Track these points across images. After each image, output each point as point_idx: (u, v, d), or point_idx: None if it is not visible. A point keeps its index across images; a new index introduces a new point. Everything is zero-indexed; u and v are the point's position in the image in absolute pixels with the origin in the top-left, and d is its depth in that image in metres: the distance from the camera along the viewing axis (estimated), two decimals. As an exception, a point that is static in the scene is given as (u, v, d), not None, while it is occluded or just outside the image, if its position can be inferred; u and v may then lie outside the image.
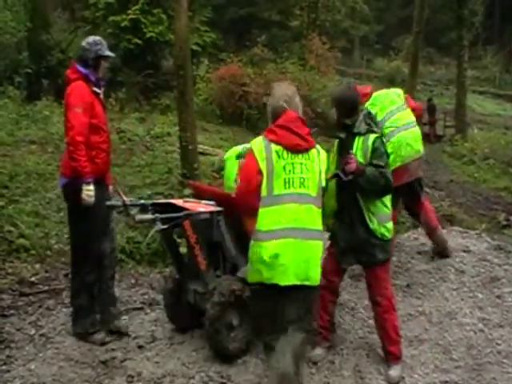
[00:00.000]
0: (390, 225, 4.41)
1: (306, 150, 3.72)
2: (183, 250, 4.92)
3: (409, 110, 5.69)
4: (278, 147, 3.64)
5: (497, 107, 31.56)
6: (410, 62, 14.26)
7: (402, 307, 5.33)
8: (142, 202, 4.64)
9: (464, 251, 6.54)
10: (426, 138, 21.70)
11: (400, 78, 31.34)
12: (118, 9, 18.57)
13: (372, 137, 4.28)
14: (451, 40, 32.61)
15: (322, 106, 18.69)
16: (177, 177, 7.97)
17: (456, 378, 4.42)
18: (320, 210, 3.78)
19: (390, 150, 5.27)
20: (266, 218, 3.62)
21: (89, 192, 4.46)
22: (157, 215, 4.28)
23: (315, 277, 3.71)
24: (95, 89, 4.67)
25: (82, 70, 4.61)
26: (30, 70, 15.40)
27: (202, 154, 8.41)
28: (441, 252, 6.38)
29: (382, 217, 4.32)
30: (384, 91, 5.82)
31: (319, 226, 3.75)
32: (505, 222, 8.52)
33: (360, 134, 4.31)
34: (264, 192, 3.63)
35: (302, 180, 3.66)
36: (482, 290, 5.77)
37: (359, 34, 38.59)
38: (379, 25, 41.85)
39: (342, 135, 4.39)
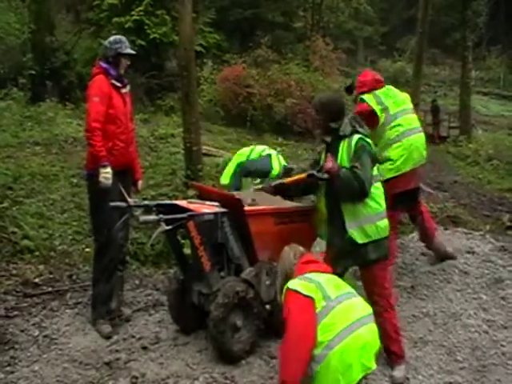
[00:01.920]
0: (383, 223, 4.34)
1: None
2: (187, 251, 4.93)
3: (415, 116, 5.71)
4: None
5: (501, 108, 31.42)
6: (414, 63, 14.24)
7: (406, 308, 5.32)
8: (146, 202, 4.66)
9: (468, 252, 6.52)
10: (430, 139, 21.77)
11: (404, 79, 31.35)
12: (122, 10, 18.58)
13: (355, 137, 4.26)
14: (455, 41, 32.52)
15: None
16: (181, 178, 7.94)
17: (460, 379, 4.41)
18: None
19: (401, 152, 5.32)
20: None
21: (106, 174, 4.66)
22: (161, 216, 4.30)
23: None
24: (114, 82, 4.90)
25: (103, 64, 4.91)
26: (34, 72, 15.37)
27: (206, 155, 8.40)
28: (443, 256, 6.30)
29: (371, 217, 4.27)
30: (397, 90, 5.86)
31: None
32: (509, 224, 8.45)
33: (345, 136, 4.29)
34: None
35: None
36: (487, 291, 5.75)
37: (363, 35, 38.52)
38: (383, 26, 41.79)
39: (328, 139, 4.39)
